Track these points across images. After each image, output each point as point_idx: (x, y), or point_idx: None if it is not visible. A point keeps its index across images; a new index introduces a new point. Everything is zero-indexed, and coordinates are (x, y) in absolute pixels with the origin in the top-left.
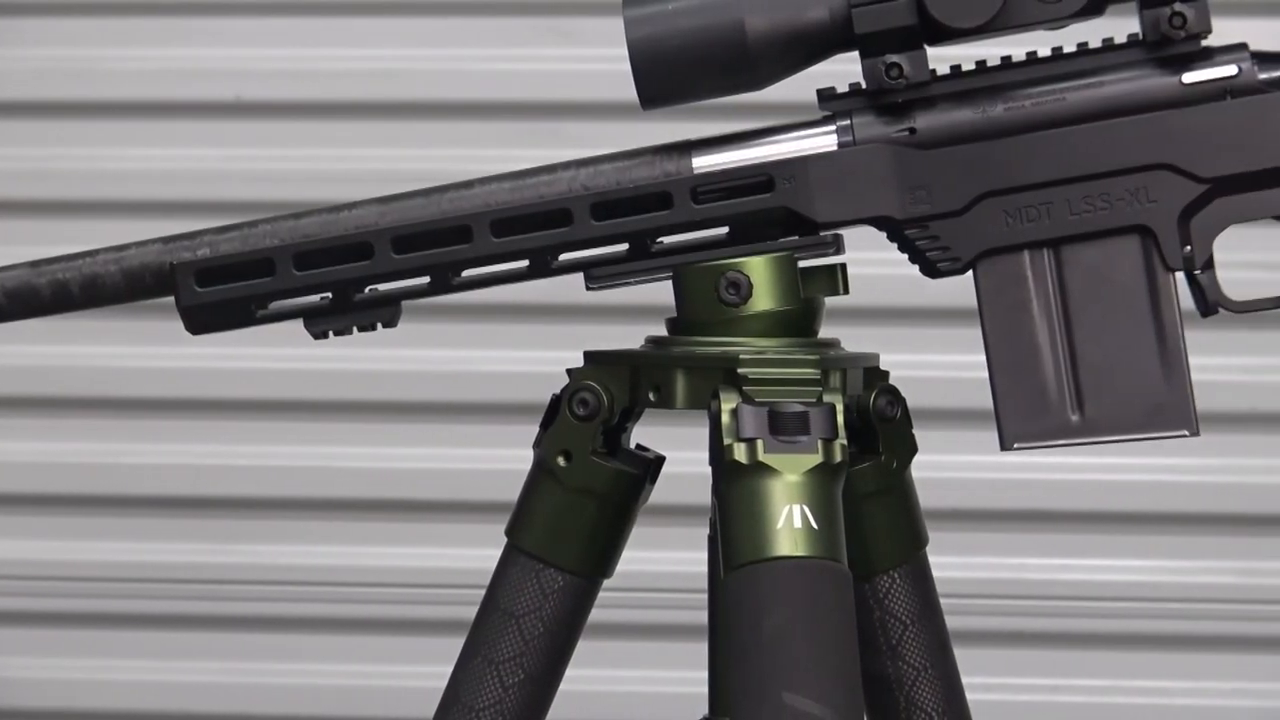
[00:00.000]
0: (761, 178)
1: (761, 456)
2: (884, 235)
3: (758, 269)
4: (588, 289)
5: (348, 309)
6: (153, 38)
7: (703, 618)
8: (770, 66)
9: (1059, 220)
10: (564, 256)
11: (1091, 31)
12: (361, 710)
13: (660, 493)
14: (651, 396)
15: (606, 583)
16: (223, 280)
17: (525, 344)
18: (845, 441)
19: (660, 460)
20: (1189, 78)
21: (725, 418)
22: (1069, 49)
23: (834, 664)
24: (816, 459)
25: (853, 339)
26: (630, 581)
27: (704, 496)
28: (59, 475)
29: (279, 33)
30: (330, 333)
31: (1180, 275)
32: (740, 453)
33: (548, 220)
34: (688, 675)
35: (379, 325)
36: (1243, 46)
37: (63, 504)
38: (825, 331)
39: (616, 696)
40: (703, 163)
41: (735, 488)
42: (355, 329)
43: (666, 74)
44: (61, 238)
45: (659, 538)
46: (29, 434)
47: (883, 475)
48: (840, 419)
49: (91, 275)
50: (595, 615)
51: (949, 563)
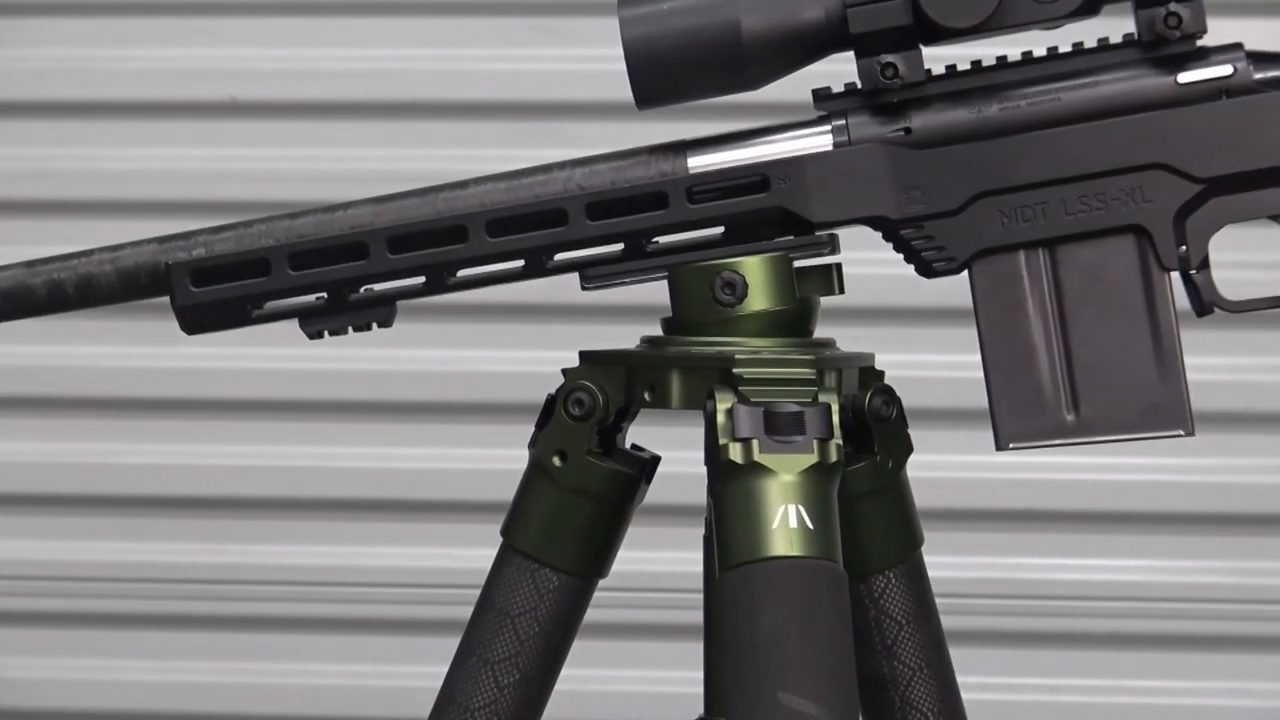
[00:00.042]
0: (757, 177)
1: (757, 456)
2: (879, 235)
3: (753, 269)
4: (583, 289)
5: (343, 309)
6: (149, 38)
7: (698, 618)
8: (765, 66)
9: (1054, 220)
10: (559, 256)
11: (1087, 31)
12: (357, 710)
13: (655, 493)
14: (647, 396)
15: (602, 583)
16: (218, 280)
17: (520, 344)
18: (841, 441)
19: (656, 460)
20: (1184, 78)
21: (720, 418)
22: (1064, 49)
23: (829, 664)
24: (812, 459)
25: (848, 339)
26: (626, 581)
27: (699, 496)
28: (55, 475)
29: (275, 33)
30: (325, 333)
31: (1176, 275)
32: (736, 453)
33: (543, 220)
34: (683, 675)
35: (374, 325)
36: (1238, 46)
37: (59, 504)
38: (821, 331)
39: (612, 696)
40: (698, 162)
41: (731, 488)
42: (350, 329)
43: (662, 74)
44: (58, 237)
45: (654, 538)
46: (25, 434)
47: (878, 475)
48: (836, 419)
49: (86, 275)
50: (591, 615)
51: (944, 562)
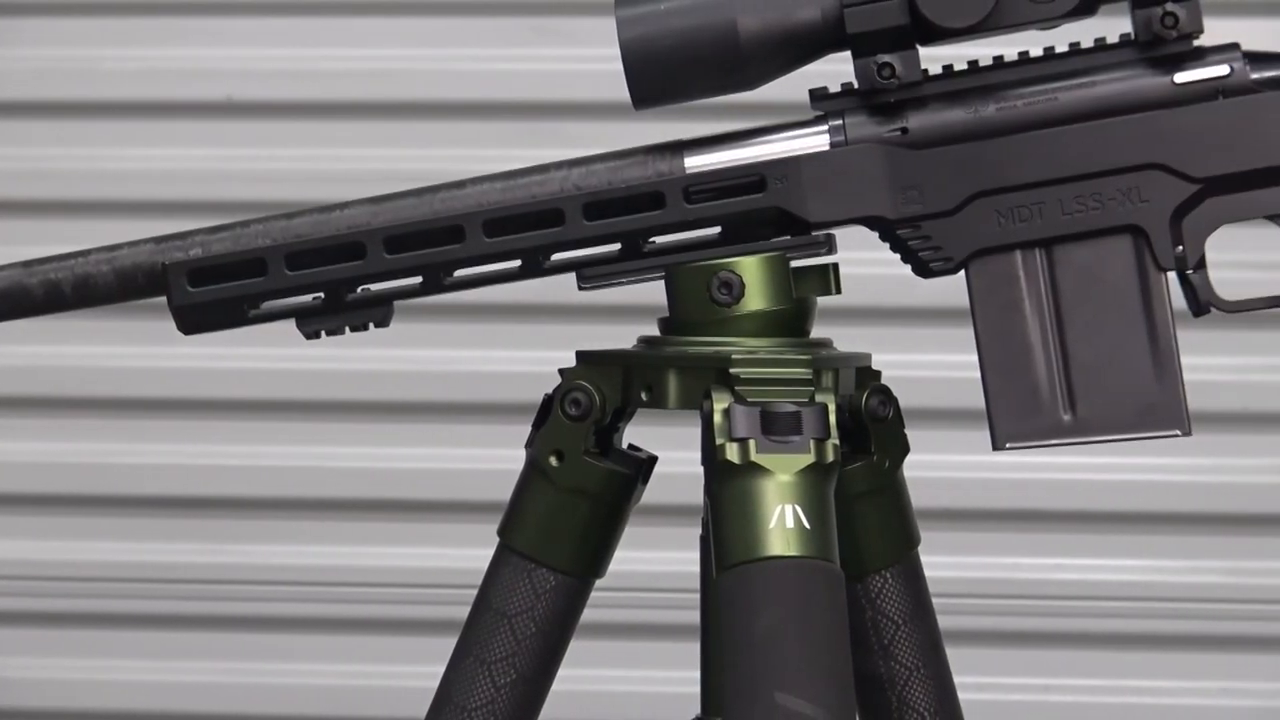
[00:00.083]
0: (754, 177)
1: (754, 456)
2: (876, 235)
3: (750, 269)
4: (580, 289)
5: (340, 309)
6: (148, 38)
7: (695, 618)
8: (762, 66)
9: (1051, 220)
10: (556, 256)
11: (1083, 31)
12: (354, 710)
13: (652, 493)
14: (644, 396)
15: (599, 583)
16: (215, 280)
17: (517, 344)
18: (837, 441)
19: (652, 460)
20: (1181, 77)
21: (717, 418)
22: (1061, 49)
23: (826, 664)
24: (809, 459)
25: (845, 339)
26: (623, 581)
27: (696, 496)
28: (54, 475)
29: (272, 33)
30: (323, 333)
31: (1172, 275)
32: (732, 453)
33: (540, 220)
34: (680, 675)
35: (371, 325)
36: (1235, 46)
37: (58, 504)
38: (817, 331)
39: (609, 696)
40: (695, 162)
41: (727, 488)
42: (347, 329)
43: (659, 74)
44: (58, 237)
45: (651, 538)
46: (21, 434)
47: (875, 475)
48: (832, 419)
49: (84, 275)
50: (588, 615)
51: (941, 562)
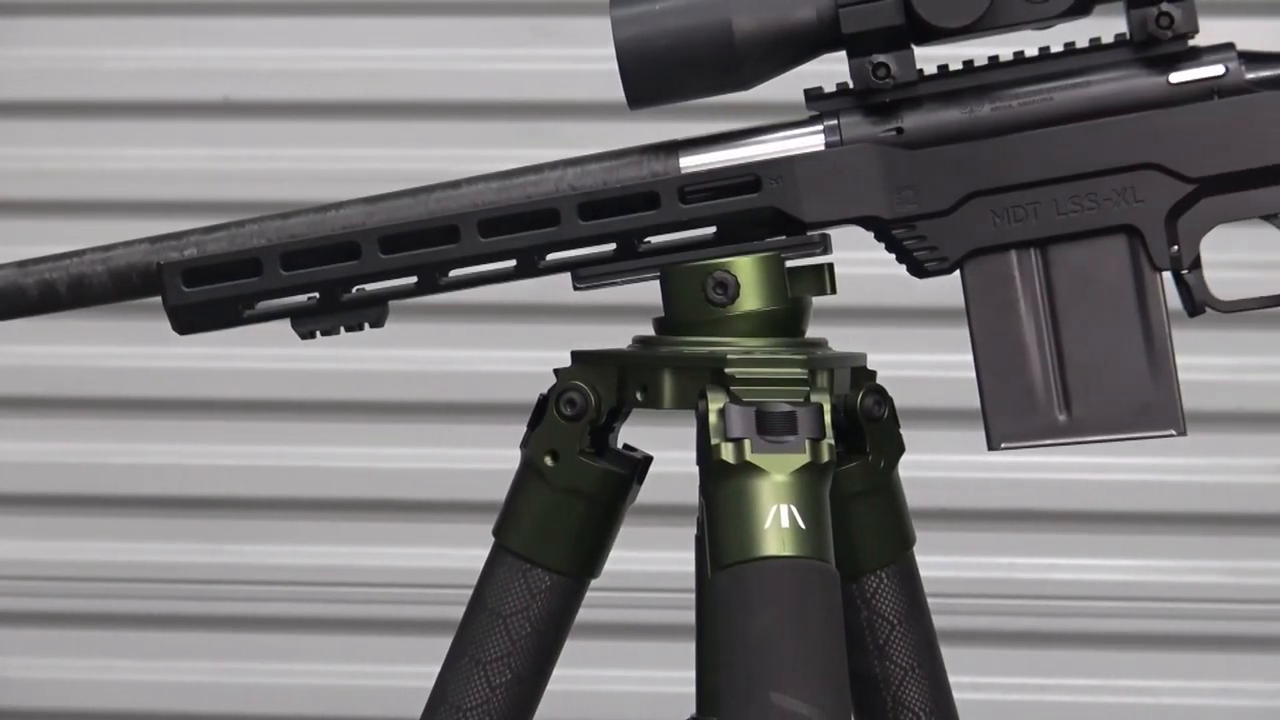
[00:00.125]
0: (749, 177)
1: (749, 456)
2: (871, 235)
3: (745, 269)
4: (575, 289)
5: (335, 309)
6: (148, 38)
7: (690, 617)
8: (757, 66)
9: (1046, 220)
10: (551, 256)
11: (1079, 31)
12: (350, 710)
13: (647, 493)
14: (639, 396)
15: (594, 583)
16: (210, 280)
17: (512, 344)
18: (833, 441)
19: (648, 460)
20: (1176, 77)
21: (713, 417)
22: (1056, 49)
23: (821, 664)
24: (804, 459)
25: (840, 339)
26: (618, 581)
27: (691, 496)
28: (51, 475)
29: (268, 33)
30: (318, 333)
31: (1167, 275)
32: (728, 452)
33: (535, 220)
34: (675, 675)
35: (366, 325)
36: (1230, 46)
37: (55, 504)
38: (813, 331)
39: (604, 696)
40: (690, 163)
41: (723, 487)
42: (342, 329)
43: (654, 74)
44: (58, 237)
45: (646, 538)
46: (20, 434)
47: (870, 475)
48: (828, 419)
49: (78, 275)
50: (583, 615)
51: (936, 562)
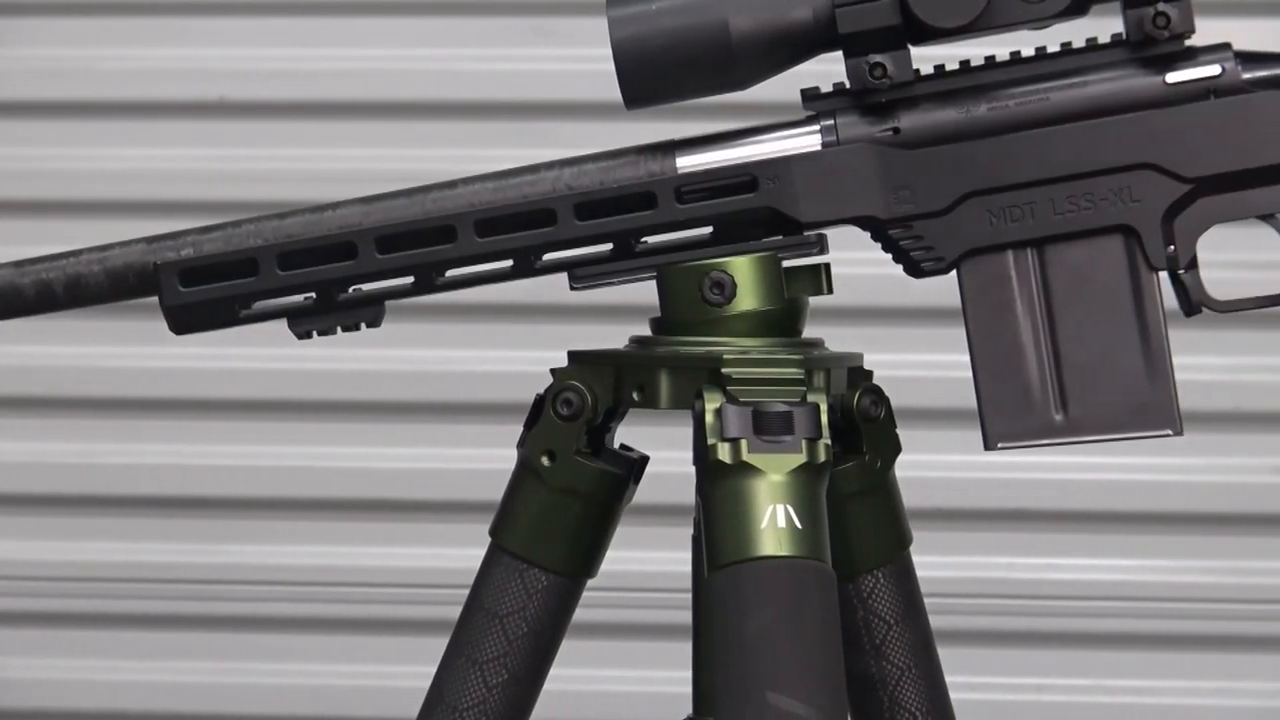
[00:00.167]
0: (745, 178)
1: (745, 456)
2: (868, 235)
3: (742, 269)
4: (572, 289)
5: (331, 309)
6: (147, 38)
7: (687, 617)
8: (754, 66)
9: (1043, 220)
10: (548, 256)
11: (1075, 31)
12: (347, 709)
13: (644, 493)
14: (635, 396)
15: (590, 582)
16: (206, 280)
17: (509, 344)
18: (829, 441)
19: (644, 460)
20: (1172, 77)
21: (709, 417)
22: (1053, 49)
23: (818, 664)
24: (800, 459)
25: (837, 339)
26: (614, 581)
27: (688, 496)
28: (48, 475)
29: (263, 33)
30: (314, 333)
31: (1164, 275)
32: (724, 452)
33: (531, 220)
34: (672, 675)
35: (363, 325)
36: (1226, 46)
37: (52, 504)
38: (809, 331)
39: (600, 696)
40: (686, 163)
41: (719, 487)
42: (339, 329)
43: (650, 74)
44: (50, 237)
45: (643, 538)
46: (17, 434)
47: (867, 475)
48: (824, 419)
49: (75, 275)
50: (579, 615)
51: (933, 562)
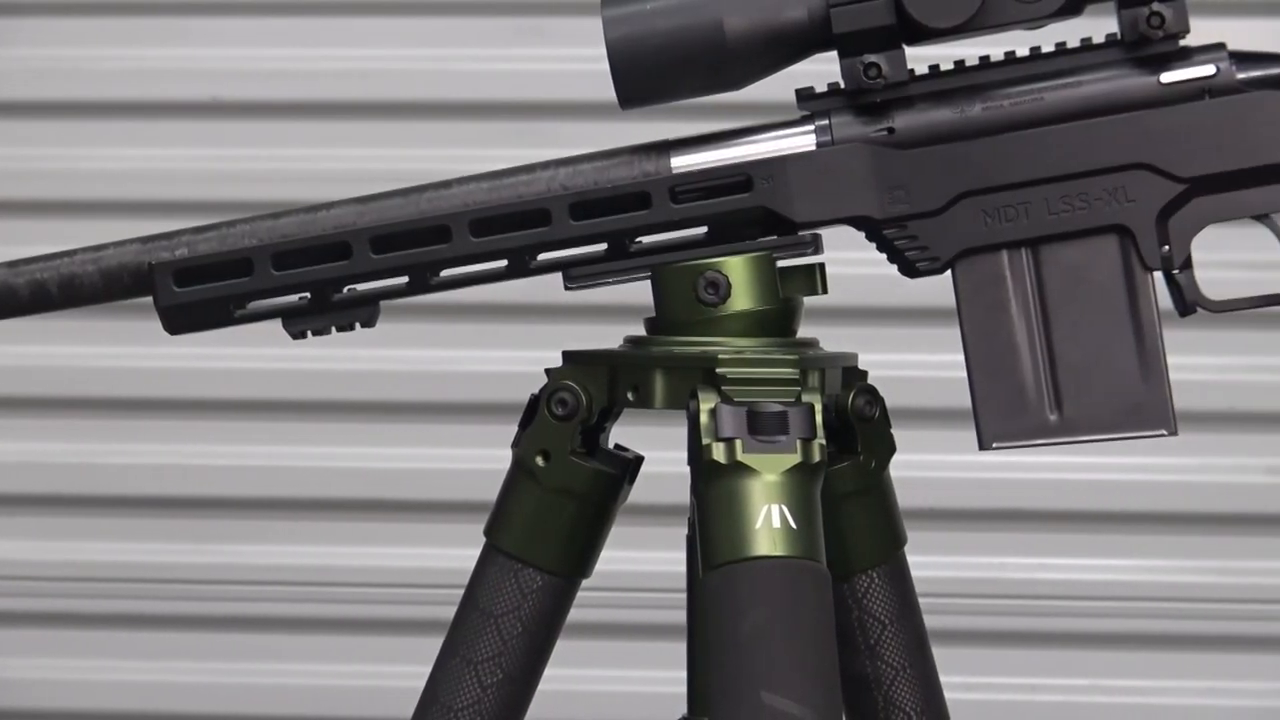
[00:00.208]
0: (740, 177)
1: (740, 456)
2: (863, 235)
3: (736, 269)
4: (566, 289)
5: (326, 309)
6: (140, 38)
7: (681, 617)
8: (749, 66)
9: (1037, 220)
10: (542, 256)
11: (1070, 31)
12: (342, 710)
13: (639, 492)
14: (630, 396)
15: (585, 582)
16: (201, 280)
17: (504, 344)
18: (824, 441)
19: (639, 460)
20: (1167, 77)
21: (704, 417)
22: (1047, 49)
23: (813, 664)
24: (795, 459)
25: (831, 339)
26: (609, 581)
27: (683, 496)
28: (43, 475)
29: (262, 33)
30: (309, 332)
31: (1159, 275)
32: (719, 452)
33: (526, 220)
34: (667, 675)
35: (357, 325)
36: (1221, 46)
37: (45, 504)
38: (804, 331)
39: (595, 696)
40: (681, 162)
41: (714, 487)
42: (334, 329)
43: (645, 74)
44: (49, 237)
45: (638, 537)
46: (12, 434)
47: (861, 475)
48: (819, 419)
49: (69, 275)
50: (574, 615)
51: (928, 562)
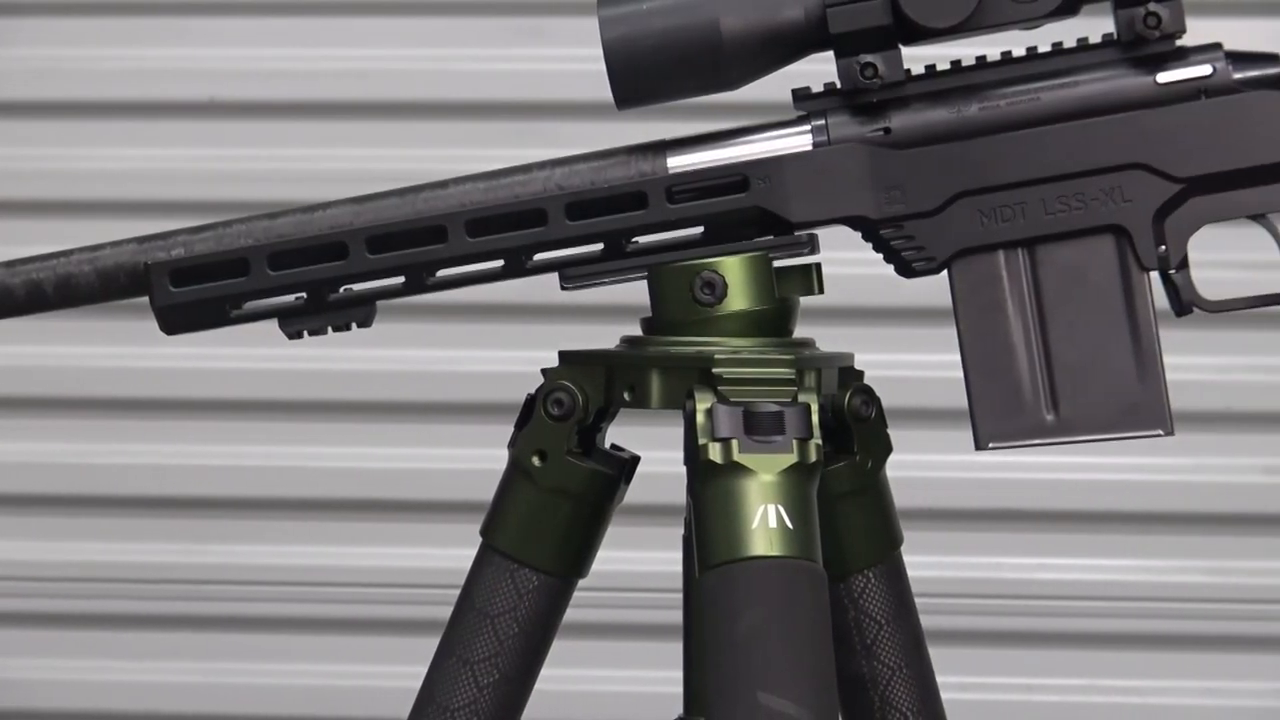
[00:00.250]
0: (736, 178)
1: (736, 456)
2: (859, 235)
3: (733, 269)
4: (562, 289)
5: (322, 309)
6: (139, 38)
7: (678, 617)
8: (745, 66)
9: (1034, 220)
10: (539, 256)
11: (1066, 31)
12: (338, 710)
13: (635, 492)
14: (626, 396)
15: (581, 582)
16: (197, 280)
17: (500, 344)
18: (820, 441)
19: (635, 460)
20: (1163, 77)
21: (700, 417)
22: (1044, 49)
23: (809, 664)
24: (791, 459)
25: (828, 339)
26: (605, 581)
27: (679, 496)
28: (36, 475)
29: (257, 33)
30: (305, 333)
31: (1155, 275)
32: (715, 452)
33: (522, 220)
34: (663, 675)
35: (354, 325)
36: (1217, 46)
37: (39, 504)
38: (800, 331)
39: (591, 696)
40: (677, 163)
41: (710, 487)
42: (330, 329)
43: (641, 74)
44: (45, 237)
45: (634, 537)
46: (8, 434)
47: (858, 475)
48: (815, 419)
49: (66, 275)
50: (570, 615)
51: (924, 562)
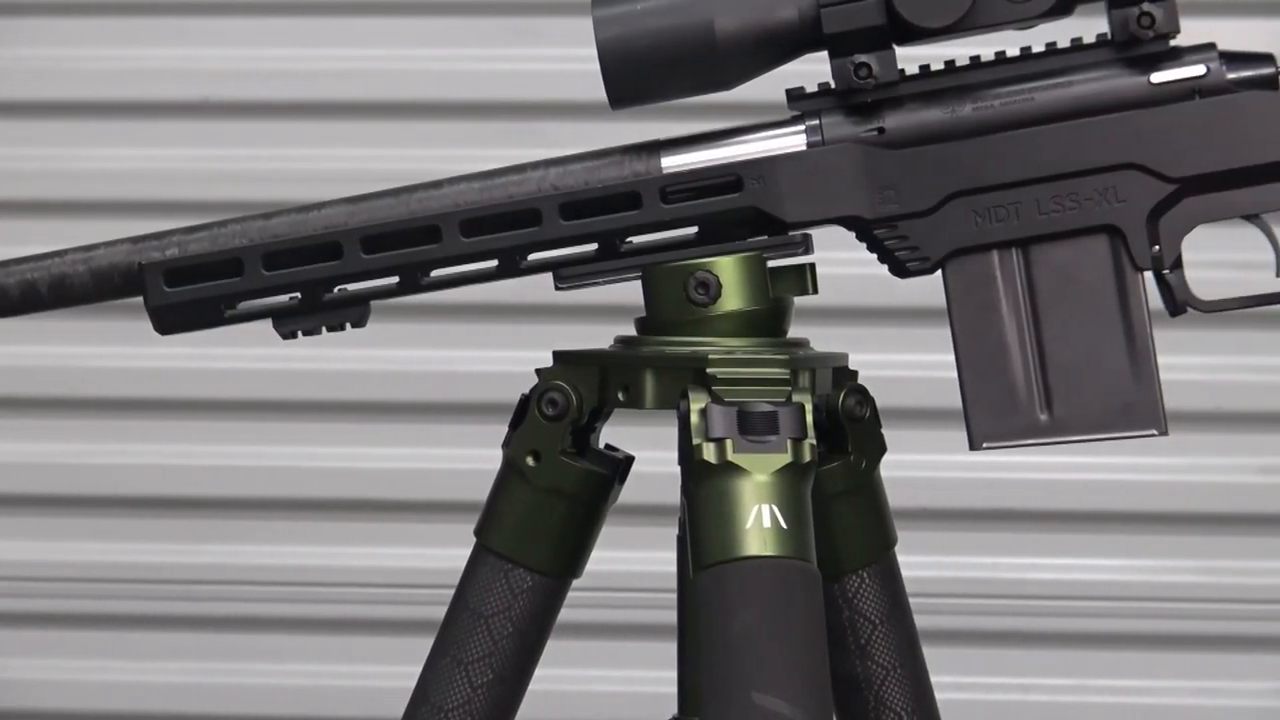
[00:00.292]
0: (730, 178)
1: (730, 456)
2: (853, 235)
3: (727, 269)
4: (557, 289)
5: (317, 309)
6: (139, 38)
7: (672, 617)
8: (739, 66)
9: (1028, 220)
10: (533, 256)
11: (1060, 31)
12: (333, 710)
13: (629, 493)
14: (620, 396)
15: (576, 583)
16: (191, 280)
17: (494, 344)
18: (814, 441)
19: (629, 460)
20: (1157, 78)
21: (694, 417)
22: (1037, 49)
23: (803, 664)
24: (785, 459)
25: (822, 339)
26: (599, 581)
27: (673, 496)
28: (32, 475)
29: (256, 33)
30: (299, 333)
31: (1149, 275)
32: (709, 452)
33: (517, 220)
34: (657, 675)
35: (348, 325)
36: (1211, 46)
37: (36, 504)
38: (794, 331)
39: (586, 696)
40: (672, 163)
41: (704, 487)
42: (324, 329)
43: (635, 74)
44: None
45: (628, 538)
46: (4, 434)
47: (852, 475)
48: (809, 419)
49: (60, 275)
50: (564, 615)
51: (918, 562)
